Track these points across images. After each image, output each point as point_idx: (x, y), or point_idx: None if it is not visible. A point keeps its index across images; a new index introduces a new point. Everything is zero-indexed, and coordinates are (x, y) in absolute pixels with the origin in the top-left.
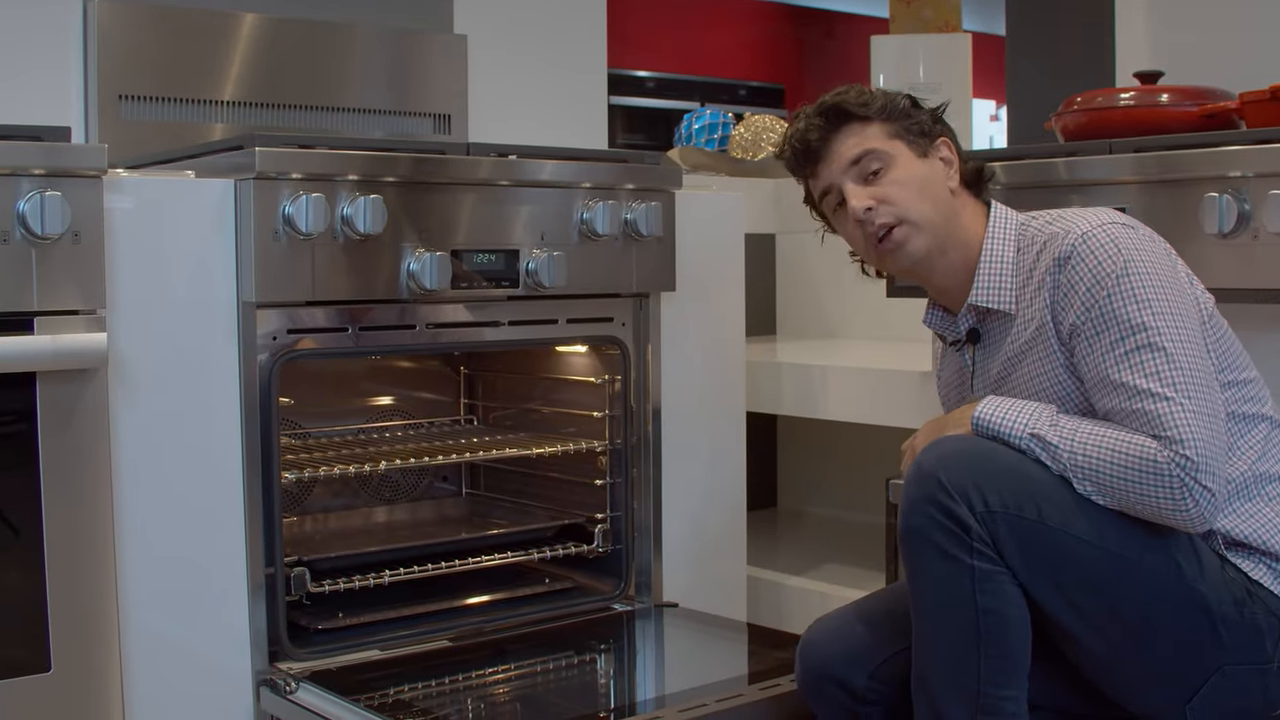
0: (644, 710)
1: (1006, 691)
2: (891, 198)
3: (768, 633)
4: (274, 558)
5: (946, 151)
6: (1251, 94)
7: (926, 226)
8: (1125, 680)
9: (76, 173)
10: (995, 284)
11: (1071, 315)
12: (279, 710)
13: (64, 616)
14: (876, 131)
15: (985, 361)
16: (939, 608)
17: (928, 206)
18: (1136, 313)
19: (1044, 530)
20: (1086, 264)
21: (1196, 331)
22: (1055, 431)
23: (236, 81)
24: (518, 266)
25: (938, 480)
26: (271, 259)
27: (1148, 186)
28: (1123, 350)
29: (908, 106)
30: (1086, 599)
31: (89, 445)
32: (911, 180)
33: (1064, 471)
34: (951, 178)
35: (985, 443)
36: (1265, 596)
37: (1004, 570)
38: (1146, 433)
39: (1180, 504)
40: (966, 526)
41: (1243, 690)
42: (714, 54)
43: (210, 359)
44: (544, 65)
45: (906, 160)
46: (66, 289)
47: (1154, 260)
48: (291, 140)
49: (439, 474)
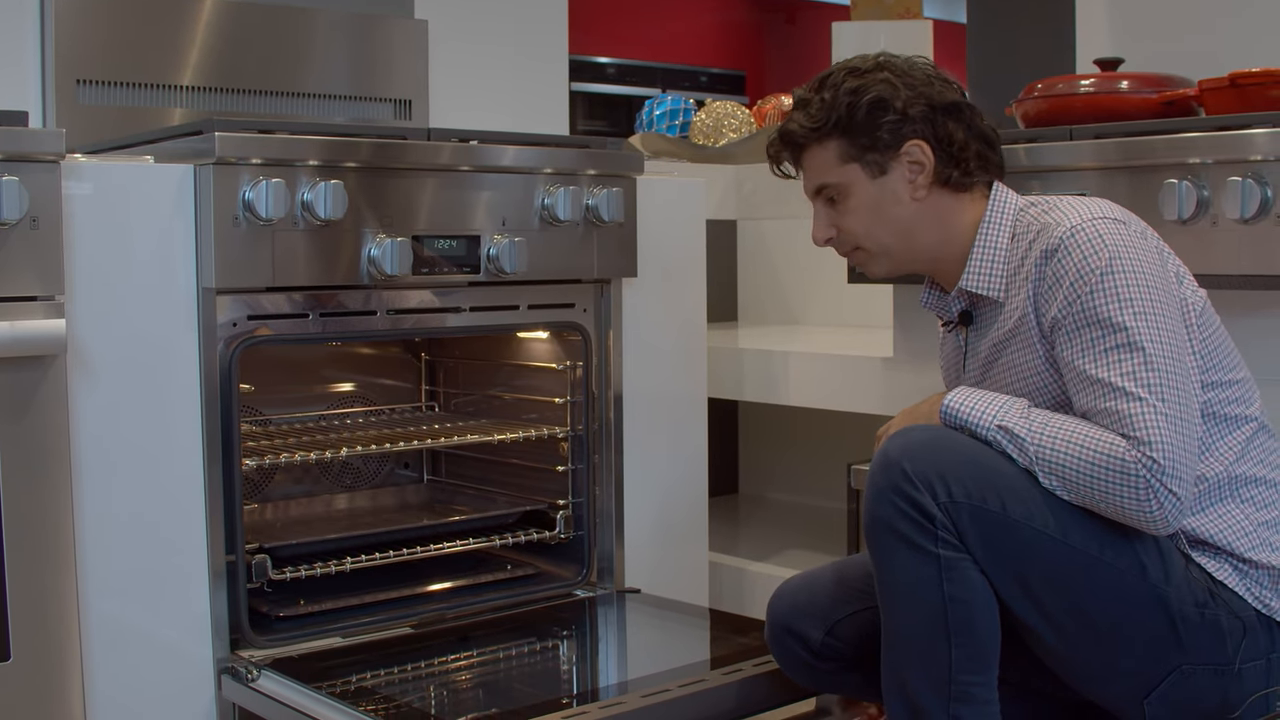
0: (607, 696)
1: (977, 678)
2: (847, 227)
3: (730, 618)
4: (235, 545)
5: (918, 154)
6: (1211, 81)
7: (882, 252)
8: (1084, 672)
9: (34, 157)
10: (987, 270)
11: (1053, 309)
12: (241, 698)
13: (24, 605)
14: (833, 155)
15: (977, 343)
16: (907, 598)
17: (883, 232)
18: (1117, 311)
19: (1007, 522)
20: (1071, 259)
21: (1178, 333)
22: (1023, 425)
23: (195, 66)
24: (479, 252)
25: (902, 469)
26: (231, 245)
27: (1108, 173)
28: (1101, 348)
29: (866, 114)
30: (1047, 593)
31: (48, 432)
32: (864, 208)
33: (1030, 465)
34: (919, 185)
35: (951, 433)
36: (1229, 598)
37: (968, 558)
38: (1117, 431)
39: (1144, 506)
40: (931, 516)
41: (1201, 690)
42: (675, 40)
43: (170, 345)
44: (505, 51)
45: (861, 186)
46: (24, 275)
47: (1140, 257)
48: (251, 125)
49: (400, 461)
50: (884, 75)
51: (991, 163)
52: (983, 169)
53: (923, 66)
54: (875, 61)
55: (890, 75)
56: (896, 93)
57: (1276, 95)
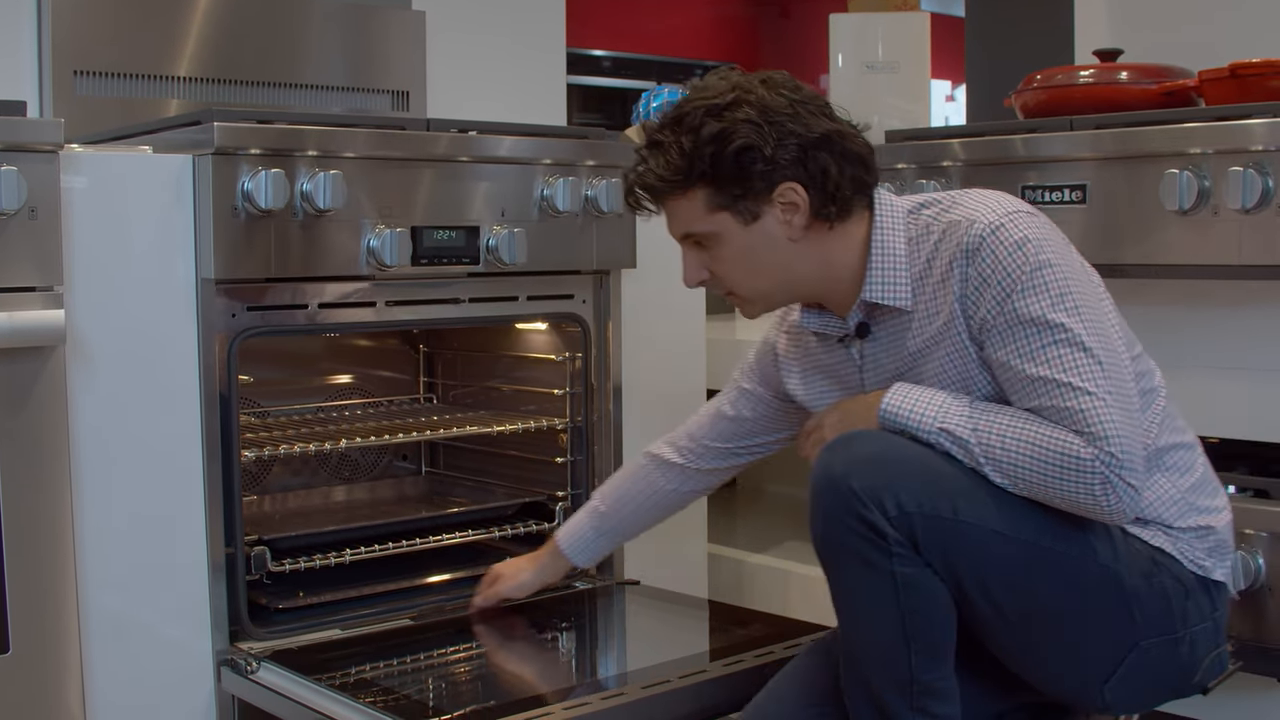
0: (607, 687)
1: (937, 673)
2: (719, 274)
3: (729, 609)
4: (234, 537)
5: (792, 195)
6: (1211, 72)
7: (758, 298)
8: (1043, 668)
9: (32, 147)
10: (890, 279)
11: (983, 310)
12: (240, 690)
13: (23, 598)
14: (700, 204)
15: (878, 356)
16: (864, 613)
17: (758, 279)
18: (1051, 309)
19: (960, 526)
20: (998, 258)
21: (1111, 324)
22: (967, 427)
23: (192, 57)
24: (478, 243)
25: (850, 488)
26: (230, 235)
27: (1108, 163)
28: (1039, 345)
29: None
30: (1006, 592)
31: (47, 424)
32: (738, 255)
33: (978, 466)
34: (795, 226)
35: (895, 440)
36: (1169, 564)
37: (926, 568)
38: (1069, 428)
39: (1103, 500)
40: (883, 533)
41: (1158, 663)
42: (670, 33)
43: (169, 336)
44: (503, 42)
45: (732, 234)
46: (23, 265)
47: (1062, 252)
48: (250, 115)
49: (399, 452)
50: (745, 114)
51: (868, 183)
52: (860, 192)
53: (785, 92)
54: (733, 95)
55: (753, 113)
56: (764, 135)
57: (1276, 85)
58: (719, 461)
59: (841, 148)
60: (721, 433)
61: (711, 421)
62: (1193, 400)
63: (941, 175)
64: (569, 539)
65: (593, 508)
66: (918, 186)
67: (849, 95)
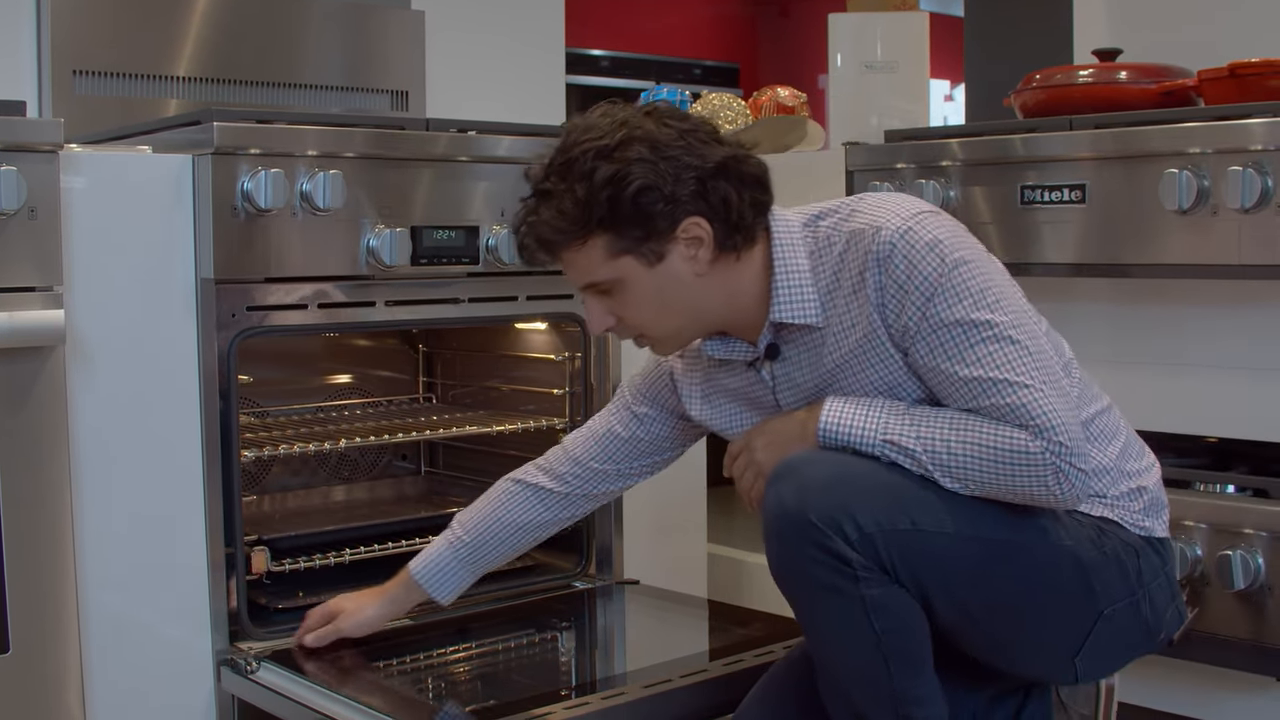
0: (607, 687)
1: (918, 680)
2: (627, 319)
3: (729, 609)
4: (234, 537)
5: (696, 230)
6: (1210, 71)
7: (669, 337)
8: (1015, 656)
9: (32, 147)
10: (798, 297)
11: (905, 317)
12: (240, 690)
13: (23, 597)
14: (599, 252)
15: (792, 375)
16: (837, 638)
17: (668, 319)
18: (974, 309)
19: (921, 536)
20: (912, 263)
21: (1029, 314)
22: (910, 435)
23: (191, 57)
24: (477, 243)
25: (807, 520)
26: (230, 235)
27: (1108, 163)
28: (967, 345)
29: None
30: (972, 592)
31: (46, 424)
32: (644, 300)
33: (927, 474)
34: (701, 260)
35: (840, 460)
36: (1115, 530)
37: (893, 584)
38: (1013, 423)
39: (1056, 489)
40: (847, 559)
41: (1123, 627)
42: (668, 33)
43: (169, 336)
44: (502, 42)
45: (636, 278)
46: (22, 265)
47: (973, 248)
48: (250, 115)
49: (398, 452)
50: (637, 151)
51: (765, 204)
52: (760, 215)
53: (672, 123)
54: (621, 134)
55: (645, 150)
56: (660, 173)
57: (1275, 85)
58: (605, 485)
59: (739, 173)
60: (613, 454)
61: (600, 443)
62: (1192, 399)
63: (941, 175)
64: (426, 569)
65: (454, 537)
66: (917, 186)
67: (848, 95)
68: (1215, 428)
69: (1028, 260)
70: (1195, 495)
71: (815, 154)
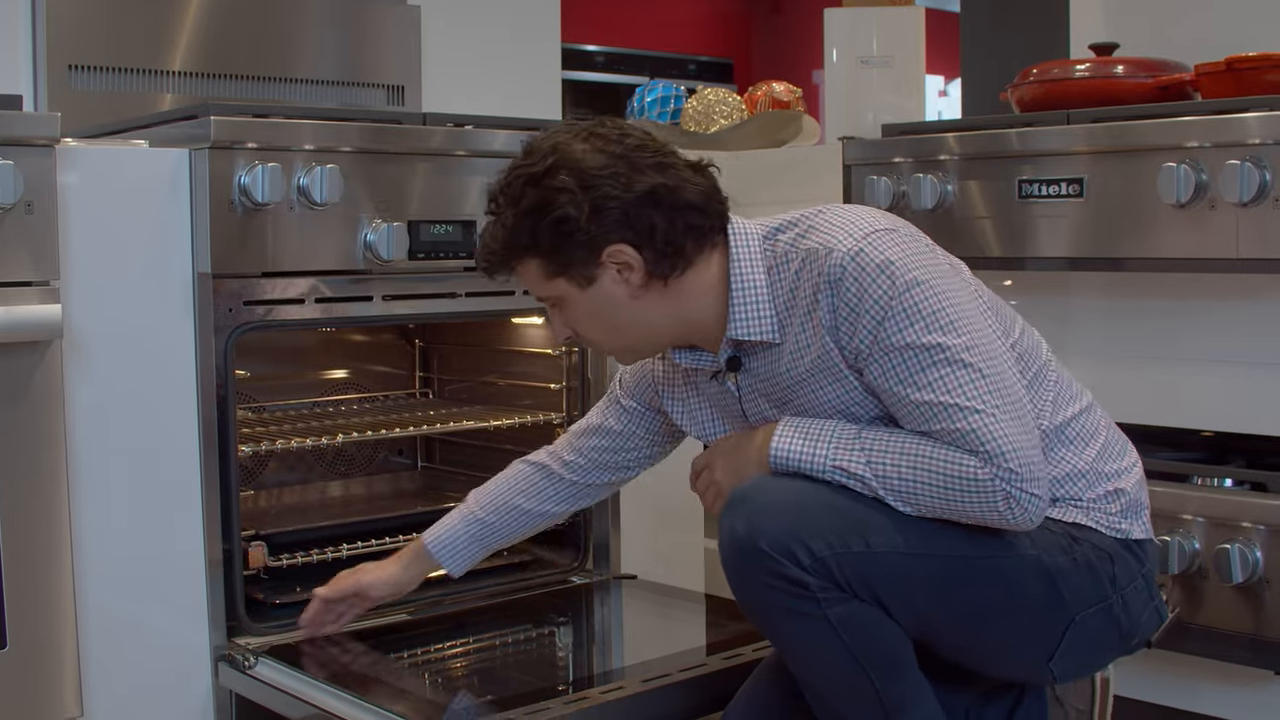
0: (605, 681)
1: (904, 683)
2: (580, 333)
3: (727, 604)
4: (231, 532)
5: (622, 255)
6: (1207, 65)
7: (619, 351)
8: (988, 662)
9: (28, 141)
10: (754, 313)
11: (858, 340)
12: (238, 685)
13: (19, 593)
14: (536, 273)
15: (755, 386)
16: (810, 656)
17: (617, 336)
18: (924, 331)
19: (874, 557)
20: (862, 286)
21: (988, 332)
22: (860, 461)
23: (186, 52)
24: (474, 237)
25: (758, 549)
26: (227, 230)
27: (1104, 157)
28: (918, 368)
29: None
30: (935, 605)
31: (43, 419)
32: (584, 318)
33: (879, 498)
34: (634, 284)
35: (791, 485)
36: (1087, 536)
37: (855, 600)
38: (963, 449)
39: (1008, 514)
40: (804, 584)
41: (1097, 632)
42: (662, 28)
43: (166, 331)
44: (498, 36)
45: (572, 298)
46: (19, 260)
47: (927, 265)
48: (247, 109)
49: (394, 448)
50: (561, 181)
51: (709, 228)
52: (699, 240)
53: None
54: (551, 160)
55: (569, 180)
56: (578, 202)
57: (1273, 79)
58: (607, 475)
59: (670, 201)
60: (609, 446)
61: (597, 435)
62: (1190, 393)
63: (938, 169)
64: (440, 542)
65: (469, 513)
66: (914, 181)
67: (843, 90)
68: (1213, 422)
69: (1025, 255)
70: (1193, 489)
71: (813, 149)
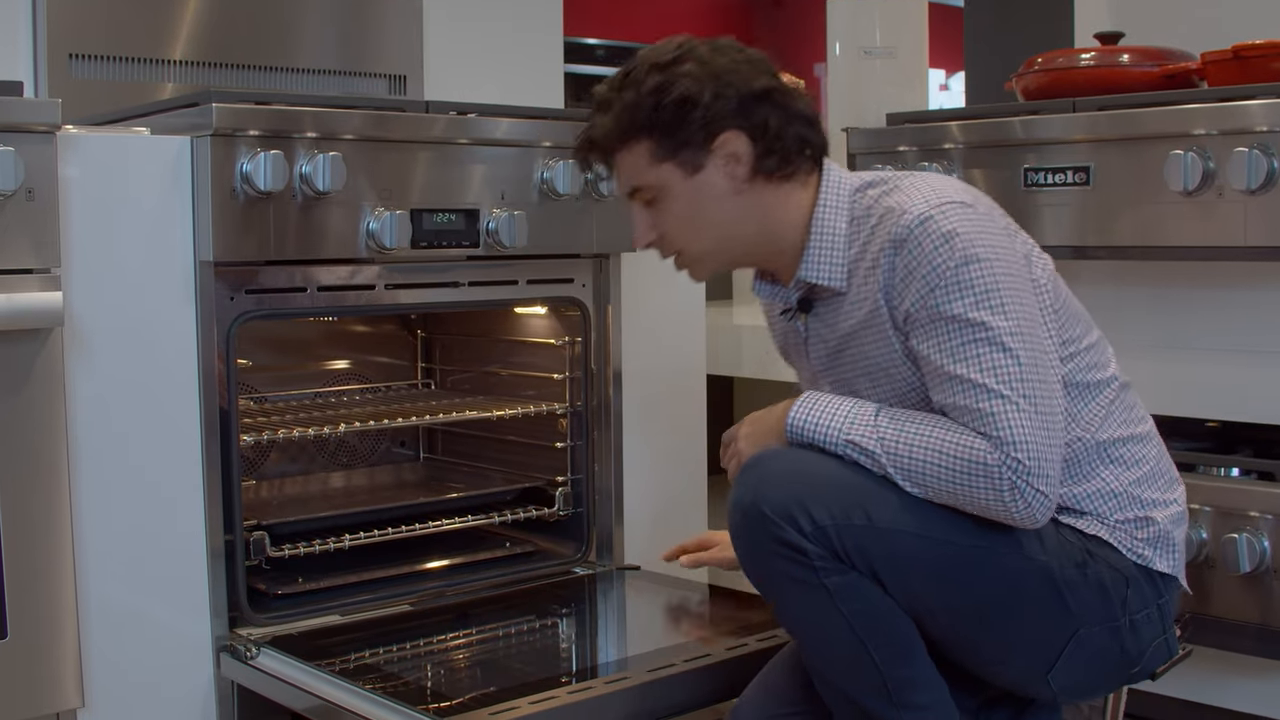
0: (609, 671)
1: (909, 667)
2: (667, 234)
3: (730, 594)
4: (233, 523)
5: (735, 145)
6: (1214, 53)
7: (706, 257)
8: (984, 659)
9: (29, 128)
10: (827, 259)
11: (906, 303)
12: (240, 676)
13: (20, 583)
14: (644, 157)
15: (820, 330)
16: (810, 627)
17: (701, 237)
18: (974, 307)
19: (875, 532)
20: (923, 250)
21: (1036, 321)
22: (872, 437)
23: (187, 40)
24: (478, 226)
25: (761, 513)
26: (229, 218)
27: (1111, 145)
28: (959, 343)
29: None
30: (933, 591)
31: (44, 407)
32: (683, 212)
33: (888, 475)
34: (739, 179)
35: (801, 456)
36: (1106, 554)
37: (854, 572)
38: (977, 430)
39: (1011, 506)
40: (803, 549)
41: (1100, 650)
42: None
43: (167, 319)
44: (501, 27)
45: (676, 187)
46: (20, 247)
47: (993, 245)
48: (249, 97)
49: (397, 438)
50: (687, 68)
51: (813, 144)
52: (804, 152)
53: (729, 50)
54: (677, 52)
55: (694, 66)
56: (702, 86)
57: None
58: None
59: (784, 104)
60: None
61: None
62: (1197, 382)
63: (943, 158)
64: None
65: None
66: (918, 169)
67: (846, 81)
68: (1220, 411)
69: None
70: (1200, 478)
71: None
